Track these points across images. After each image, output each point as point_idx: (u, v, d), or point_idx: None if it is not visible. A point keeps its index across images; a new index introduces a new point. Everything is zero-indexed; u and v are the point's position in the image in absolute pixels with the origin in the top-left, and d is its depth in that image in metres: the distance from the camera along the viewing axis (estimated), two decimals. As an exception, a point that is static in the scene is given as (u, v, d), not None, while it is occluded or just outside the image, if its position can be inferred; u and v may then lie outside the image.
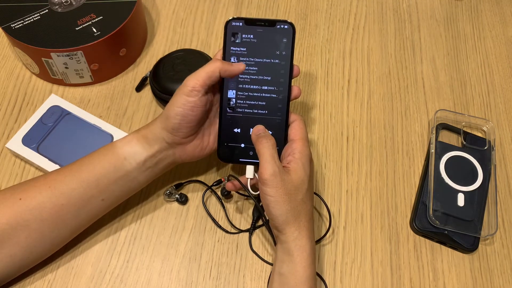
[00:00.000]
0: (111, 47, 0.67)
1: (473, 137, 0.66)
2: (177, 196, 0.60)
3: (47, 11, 0.67)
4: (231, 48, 0.54)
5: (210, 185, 0.61)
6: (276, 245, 0.53)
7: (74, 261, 0.56)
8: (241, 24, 0.53)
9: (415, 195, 0.63)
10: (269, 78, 0.54)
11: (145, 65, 0.73)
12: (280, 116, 0.54)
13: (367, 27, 0.79)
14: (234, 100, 0.54)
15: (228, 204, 0.61)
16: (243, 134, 0.55)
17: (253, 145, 0.53)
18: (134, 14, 0.68)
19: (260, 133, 0.52)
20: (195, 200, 0.61)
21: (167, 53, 0.69)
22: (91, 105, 0.68)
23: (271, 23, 0.53)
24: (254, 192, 0.54)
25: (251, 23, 0.53)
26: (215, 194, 0.61)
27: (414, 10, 0.82)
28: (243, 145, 0.55)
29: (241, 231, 0.59)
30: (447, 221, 0.59)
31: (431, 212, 0.59)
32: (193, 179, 0.62)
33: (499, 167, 0.66)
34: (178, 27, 0.77)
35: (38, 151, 0.61)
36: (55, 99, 0.65)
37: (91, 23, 0.66)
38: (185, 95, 0.51)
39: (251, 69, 0.54)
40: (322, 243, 0.59)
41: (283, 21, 0.53)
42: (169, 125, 0.52)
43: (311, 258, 0.50)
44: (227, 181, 0.58)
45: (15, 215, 0.49)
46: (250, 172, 0.54)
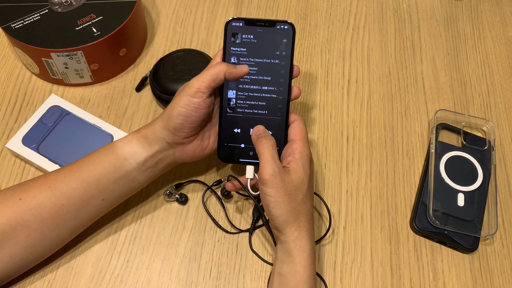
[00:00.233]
0: (111, 47, 0.67)
1: (473, 137, 0.66)
2: (177, 196, 0.60)
3: (47, 11, 0.67)
4: (231, 48, 0.54)
5: (210, 185, 0.61)
6: (276, 245, 0.53)
7: (74, 261, 0.56)
8: (241, 24, 0.54)
9: (415, 195, 0.63)
10: (269, 78, 0.54)
11: (145, 65, 0.73)
12: (280, 116, 0.54)
13: (367, 27, 0.79)
14: (234, 100, 0.54)
15: (228, 204, 0.61)
16: (243, 134, 0.55)
17: (253, 145, 0.53)
18: (134, 14, 0.68)
19: (260, 133, 0.52)
20: (195, 200, 0.61)
21: (167, 53, 0.69)
22: (91, 105, 0.68)
23: (271, 24, 0.53)
24: (254, 192, 0.54)
25: (251, 23, 0.53)
26: (215, 194, 0.61)
27: (414, 10, 0.82)
28: (243, 145, 0.55)
29: (241, 231, 0.59)
30: (447, 221, 0.59)
31: (431, 212, 0.59)
32: (193, 179, 0.62)
33: (499, 167, 0.66)
34: (178, 27, 0.77)
35: (38, 151, 0.61)
36: (55, 99, 0.65)
37: (91, 23, 0.66)
38: (189, 96, 0.51)
39: (251, 69, 0.54)
40: (322, 243, 0.59)
41: (283, 21, 0.53)
42: (171, 124, 0.52)
43: (311, 258, 0.50)
44: (227, 181, 0.58)
45: (15, 215, 0.49)
46: (250, 172, 0.54)
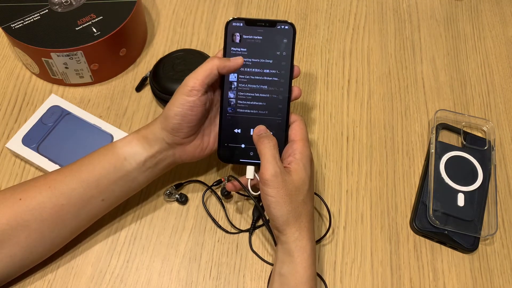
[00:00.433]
0: (111, 47, 0.67)
1: (473, 137, 0.66)
2: (177, 196, 0.60)
3: (47, 11, 0.67)
4: (232, 48, 0.54)
5: (210, 185, 0.61)
6: (276, 246, 0.53)
7: (74, 261, 0.56)
8: (241, 24, 0.53)
9: (415, 195, 0.63)
10: (270, 78, 0.54)
11: (145, 65, 0.73)
12: (280, 116, 0.54)
13: (367, 27, 0.79)
14: (234, 100, 0.54)
15: (228, 204, 0.61)
16: (244, 134, 0.55)
17: (253, 145, 0.53)
18: (134, 14, 0.68)
19: (261, 133, 0.52)
20: (195, 200, 0.61)
21: (167, 53, 0.69)
22: (91, 105, 0.68)
23: (272, 24, 0.53)
24: (254, 192, 0.54)
25: (252, 23, 0.53)
26: (215, 194, 0.61)
27: (414, 10, 0.82)
28: (243, 145, 0.55)
29: (241, 231, 0.59)
30: (447, 221, 0.59)
31: (431, 212, 0.59)
32: (193, 179, 0.62)
33: (499, 167, 0.66)
34: (178, 27, 0.77)
35: (38, 151, 0.61)
36: (55, 99, 0.65)
37: (91, 23, 0.66)
38: (184, 95, 0.51)
39: (252, 69, 0.54)
40: (322, 243, 0.59)
41: (283, 21, 0.53)
42: (169, 125, 0.52)
43: (312, 258, 0.50)
44: (227, 182, 0.58)
45: (15, 215, 0.49)
46: (250, 172, 0.54)
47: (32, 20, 0.66)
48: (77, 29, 0.65)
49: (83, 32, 0.65)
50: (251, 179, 0.54)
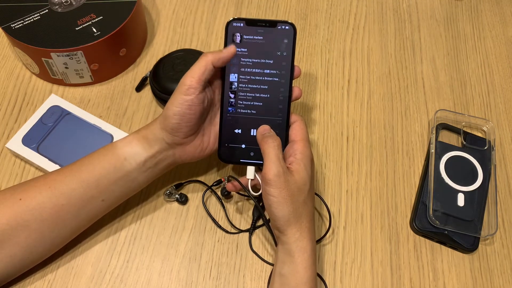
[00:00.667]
0: (111, 47, 0.67)
1: (473, 137, 0.67)
2: (177, 196, 0.60)
3: (47, 11, 0.67)
4: (232, 48, 0.54)
5: (210, 185, 0.61)
6: (276, 246, 0.53)
7: (74, 261, 0.56)
8: (242, 24, 0.53)
9: (415, 195, 0.63)
10: (270, 78, 0.54)
11: (145, 65, 0.73)
12: (281, 117, 0.54)
13: (367, 27, 0.79)
14: (234, 100, 0.54)
15: (228, 204, 0.61)
16: (244, 134, 0.55)
17: (254, 145, 0.53)
18: (134, 14, 0.68)
19: (265, 132, 0.52)
20: (195, 200, 0.61)
21: (167, 53, 0.69)
22: (91, 105, 0.68)
23: (272, 24, 0.53)
24: (254, 193, 0.54)
25: (252, 23, 0.53)
26: (215, 194, 0.61)
27: (414, 10, 0.82)
28: (243, 145, 0.55)
29: (241, 231, 0.59)
30: (447, 221, 0.59)
31: (431, 212, 0.59)
32: (193, 179, 0.62)
33: (499, 167, 0.66)
34: (178, 27, 0.77)
35: (38, 151, 0.61)
36: (55, 99, 0.65)
37: (91, 23, 0.66)
38: (182, 94, 0.51)
39: (252, 69, 0.54)
40: (322, 243, 0.59)
41: (284, 21, 0.53)
42: (168, 125, 0.52)
43: (312, 259, 0.50)
44: (227, 182, 0.58)
45: (15, 215, 0.49)
46: (250, 172, 0.54)
47: (32, 20, 0.66)
48: (77, 29, 0.65)
49: (83, 32, 0.65)
50: (252, 179, 0.54)
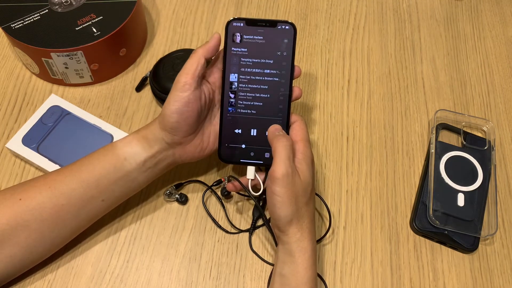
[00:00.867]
0: (111, 47, 0.67)
1: (473, 137, 0.67)
2: (177, 196, 0.60)
3: (47, 11, 0.67)
4: (232, 48, 0.54)
5: (210, 185, 0.61)
6: (277, 246, 0.53)
7: (74, 261, 0.56)
8: (242, 24, 0.53)
9: (415, 195, 0.63)
10: (270, 78, 0.54)
11: (145, 65, 0.73)
12: (281, 117, 0.54)
13: (367, 27, 0.79)
14: (234, 100, 0.54)
15: (228, 204, 0.61)
16: (244, 134, 0.54)
17: (254, 145, 0.53)
18: (134, 14, 0.68)
19: (278, 132, 0.52)
20: (195, 200, 0.61)
21: (167, 53, 0.69)
22: (91, 105, 0.68)
23: (272, 24, 0.53)
24: (255, 193, 0.54)
25: (252, 23, 0.53)
26: (215, 194, 0.61)
27: (414, 10, 0.82)
28: (244, 145, 0.55)
29: (241, 231, 0.59)
30: (447, 221, 0.59)
31: (431, 212, 0.59)
32: (193, 179, 0.62)
33: (499, 167, 0.66)
34: (178, 27, 0.77)
35: (38, 151, 0.61)
36: (55, 99, 0.65)
37: (91, 23, 0.66)
38: (178, 91, 0.51)
39: (252, 69, 0.54)
40: (322, 243, 0.59)
41: (284, 21, 0.53)
42: (167, 124, 0.52)
43: (313, 259, 0.50)
44: (228, 182, 0.58)
45: (15, 215, 0.49)
46: (251, 173, 0.54)
47: (32, 20, 0.66)
48: (77, 29, 0.65)
49: (83, 32, 0.65)
50: (252, 179, 0.54)
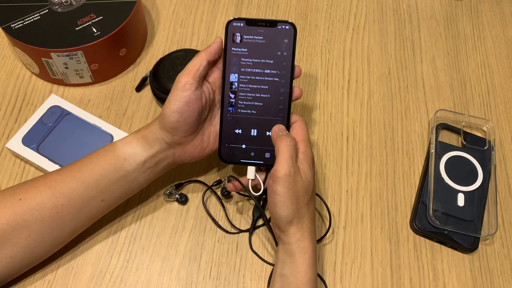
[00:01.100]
0: (111, 47, 0.67)
1: (473, 137, 0.67)
2: (177, 196, 0.60)
3: (47, 11, 0.67)
4: (232, 48, 0.54)
5: (210, 185, 0.61)
6: (277, 246, 0.53)
7: (74, 261, 0.56)
8: (242, 24, 0.53)
9: (415, 195, 0.63)
10: (270, 78, 0.54)
11: (145, 65, 0.73)
12: (281, 117, 0.54)
13: (367, 27, 0.79)
14: (235, 100, 0.54)
15: (228, 204, 0.61)
16: (244, 134, 0.54)
17: (254, 145, 0.53)
18: (134, 14, 0.68)
19: (282, 132, 0.52)
20: (195, 200, 0.61)
21: (167, 53, 0.69)
22: (91, 105, 0.68)
23: (272, 24, 0.53)
24: (255, 193, 0.54)
25: (252, 23, 0.53)
26: (215, 194, 0.61)
27: (414, 10, 0.82)
28: (244, 146, 0.55)
29: (241, 231, 0.59)
30: (447, 221, 0.59)
31: (431, 212, 0.59)
32: (193, 179, 0.62)
33: (499, 167, 0.66)
34: (178, 27, 0.77)
35: (38, 151, 0.61)
36: (55, 99, 0.65)
37: (91, 23, 0.66)
38: (178, 90, 0.51)
39: (252, 70, 0.54)
40: (322, 243, 0.59)
41: (284, 21, 0.53)
42: (167, 124, 0.52)
43: (313, 259, 0.50)
44: (228, 182, 0.58)
45: (15, 215, 0.49)
46: (251, 173, 0.54)
47: (32, 20, 0.66)
48: (77, 29, 0.65)
49: (83, 32, 0.65)
50: (252, 180, 0.54)
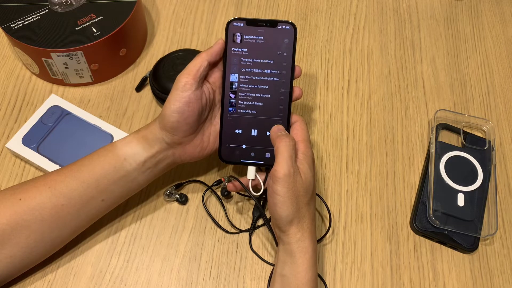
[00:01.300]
0: (111, 47, 0.67)
1: (473, 137, 0.67)
2: (177, 196, 0.60)
3: (47, 11, 0.67)
4: (232, 48, 0.54)
5: (210, 185, 0.61)
6: (277, 246, 0.53)
7: (74, 261, 0.56)
8: (242, 24, 0.53)
9: (415, 195, 0.63)
10: (271, 79, 0.54)
11: (145, 65, 0.73)
12: (281, 117, 0.54)
13: (367, 27, 0.79)
14: (235, 100, 0.54)
15: (228, 204, 0.61)
16: (245, 135, 0.54)
17: (254, 146, 0.53)
18: (134, 14, 0.68)
19: (281, 132, 0.52)
20: (195, 200, 0.61)
21: (167, 53, 0.69)
22: (91, 105, 0.68)
23: (273, 24, 0.53)
24: (255, 193, 0.54)
25: (253, 23, 0.53)
26: (215, 194, 0.61)
27: (414, 10, 0.82)
28: (244, 146, 0.55)
29: (241, 231, 0.59)
30: (447, 221, 0.59)
31: (431, 212, 0.59)
32: (193, 179, 0.62)
33: (499, 167, 0.66)
34: (178, 27, 0.77)
35: (38, 151, 0.61)
36: (55, 99, 0.65)
37: (91, 23, 0.66)
38: (179, 90, 0.51)
39: (253, 70, 0.54)
40: (322, 243, 0.59)
41: (284, 21, 0.53)
42: (167, 124, 0.52)
43: (313, 260, 0.50)
44: (228, 182, 0.58)
45: (15, 215, 0.49)
46: (251, 173, 0.54)
47: (32, 20, 0.66)
48: (77, 29, 0.65)
49: (83, 32, 0.65)
50: (252, 180, 0.54)
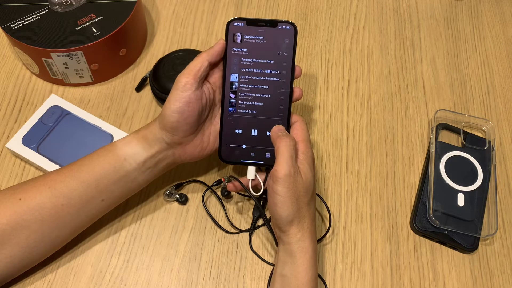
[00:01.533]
0: (111, 47, 0.67)
1: (473, 137, 0.67)
2: (177, 196, 0.60)
3: (47, 11, 0.67)
4: (233, 48, 0.54)
5: (210, 185, 0.61)
6: (277, 246, 0.53)
7: (74, 261, 0.56)
8: (242, 24, 0.53)
9: (415, 195, 0.63)
10: (271, 79, 0.54)
11: (145, 65, 0.73)
12: (281, 117, 0.54)
13: (367, 27, 0.79)
14: (235, 100, 0.54)
15: (228, 204, 0.61)
16: (245, 135, 0.54)
17: (254, 146, 0.53)
18: (134, 14, 0.68)
19: (281, 132, 0.52)
20: (195, 200, 0.61)
21: (167, 53, 0.69)
22: (91, 105, 0.68)
23: (273, 24, 0.53)
24: (255, 193, 0.54)
25: (253, 23, 0.53)
26: (215, 194, 0.61)
27: (414, 10, 0.82)
28: (244, 146, 0.55)
29: (241, 231, 0.59)
30: (447, 221, 0.59)
31: (431, 212, 0.59)
32: (193, 179, 0.62)
33: (499, 167, 0.66)
34: (178, 27, 0.77)
35: (38, 151, 0.61)
36: (55, 99, 0.65)
37: (91, 23, 0.66)
38: (179, 90, 0.51)
39: (253, 70, 0.54)
40: (322, 243, 0.59)
41: (284, 21, 0.53)
42: (167, 124, 0.52)
43: (313, 260, 0.50)
44: (228, 182, 0.58)
45: (15, 215, 0.49)
46: (251, 173, 0.54)
47: (32, 20, 0.66)
48: (77, 29, 0.65)
49: (83, 32, 0.65)
50: (252, 180, 0.54)
